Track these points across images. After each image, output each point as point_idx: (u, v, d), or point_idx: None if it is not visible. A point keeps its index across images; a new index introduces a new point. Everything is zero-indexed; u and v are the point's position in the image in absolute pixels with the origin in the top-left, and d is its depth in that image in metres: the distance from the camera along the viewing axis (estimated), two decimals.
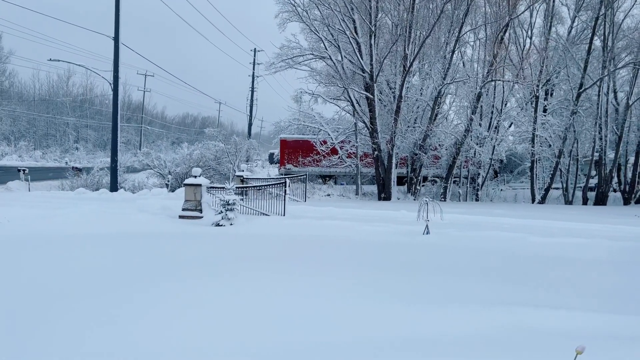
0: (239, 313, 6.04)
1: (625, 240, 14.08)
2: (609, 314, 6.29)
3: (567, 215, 21.25)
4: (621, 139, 29.22)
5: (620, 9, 29.91)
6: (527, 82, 29.45)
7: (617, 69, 29.45)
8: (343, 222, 15.43)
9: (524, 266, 10.43)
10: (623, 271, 10.28)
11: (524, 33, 32.88)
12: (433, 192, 30.84)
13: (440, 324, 5.67)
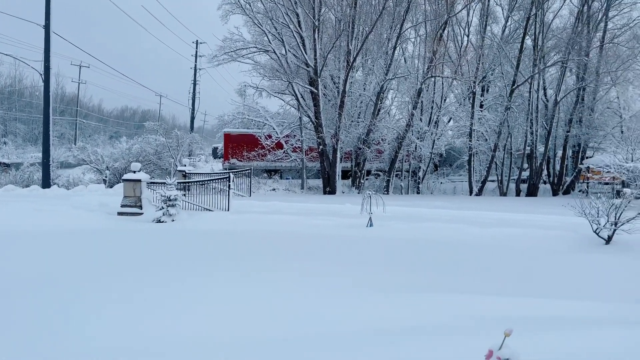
0: (178, 313, 5.93)
1: (554, 229, 14.97)
2: (539, 299, 6.69)
3: (502, 206, 22.30)
4: (550, 134, 30.95)
5: (549, 10, 31.61)
6: (465, 79, 30.58)
7: (546, 67, 31.12)
8: (289, 216, 15.45)
9: (463, 255, 10.88)
10: (552, 258, 10.94)
11: (461, 31, 34.09)
12: (376, 186, 31.45)
13: (391, 312, 5.82)
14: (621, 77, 30.73)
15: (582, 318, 5.75)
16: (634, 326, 5.41)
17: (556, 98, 30.63)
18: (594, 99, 31.65)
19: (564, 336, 4.92)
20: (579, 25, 29.88)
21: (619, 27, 32.52)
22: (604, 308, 6.33)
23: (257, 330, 5.20)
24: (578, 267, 9.96)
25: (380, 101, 29.85)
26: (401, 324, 5.34)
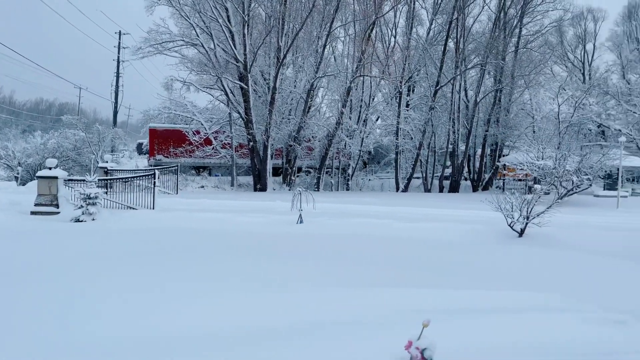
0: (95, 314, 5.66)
1: (474, 223, 15.81)
2: (459, 290, 7.05)
3: (426, 202, 23.22)
4: (471, 133, 32.62)
5: (470, 15, 33.28)
6: (392, 79, 31.48)
7: (467, 69, 32.74)
8: (218, 214, 15.18)
9: (389, 250, 11.23)
10: (471, 251, 11.56)
11: (389, 32, 35.05)
12: (307, 183, 31.64)
13: (327, 306, 5.88)
14: (534, 81, 32.96)
15: (497, 307, 6.12)
16: (546, 313, 5.83)
17: (476, 99, 32.31)
18: (510, 100, 33.71)
19: (480, 324, 5.22)
20: (496, 30, 31.67)
21: (532, 34, 34.85)
22: (517, 297, 6.76)
23: (181, 328, 5.08)
24: (495, 259, 10.59)
25: (311, 99, 30.04)
26: (329, 318, 5.42)
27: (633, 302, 6.86)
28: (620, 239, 13.79)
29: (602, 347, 4.41)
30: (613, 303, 6.55)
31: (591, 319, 5.18)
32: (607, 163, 24.62)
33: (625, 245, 13.11)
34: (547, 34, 37.94)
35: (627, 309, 6.09)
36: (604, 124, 36.39)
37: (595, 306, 6.10)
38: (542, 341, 4.61)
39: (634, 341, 4.55)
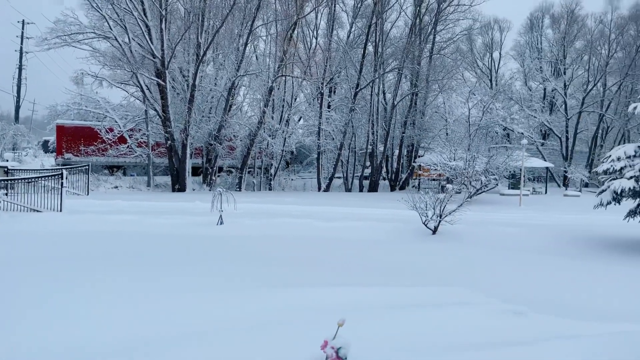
0: None
1: (391, 222, 16.37)
2: (376, 287, 7.26)
3: (347, 201, 23.71)
4: (389, 134, 33.76)
5: (388, 20, 34.45)
6: (314, 79, 31.82)
7: (385, 73, 33.83)
8: (132, 215, 14.52)
9: (311, 249, 11.33)
10: (389, 249, 11.97)
11: (310, 33, 35.41)
12: (228, 183, 31.14)
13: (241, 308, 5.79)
14: (447, 85, 34.76)
15: (412, 303, 6.38)
16: (455, 307, 6.15)
17: (394, 102, 33.49)
18: (425, 103, 35.30)
19: (395, 320, 5.42)
20: (412, 36, 33.01)
21: (445, 40, 36.75)
22: (429, 292, 7.09)
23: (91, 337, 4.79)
24: (410, 256, 11.03)
25: (232, 97, 29.58)
26: (250, 319, 5.37)
27: (531, 293, 7.45)
28: (522, 235, 14.92)
29: (505, 337, 4.75)
30: (514, 295, 7.07)
31: (495, 311, 5.56)
32: (511, 164, 26.49)
33: (526, 240, 14.20)
34: (459, 41, 40.25)
35: (525, 300, 6.60)
36: (509, 128, 39.16)
37: (498, 299, 6.55)
38: (451, 334, 4.87)
39: (532, 330, 4.94)
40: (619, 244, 14.08)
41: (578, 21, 44.19)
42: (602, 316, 6.33)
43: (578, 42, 44.54)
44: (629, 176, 13.10)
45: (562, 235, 15.01)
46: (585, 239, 14.46)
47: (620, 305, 7.25)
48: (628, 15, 42.86)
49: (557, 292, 7.88)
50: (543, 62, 44.90)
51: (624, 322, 6.00)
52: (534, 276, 9.15)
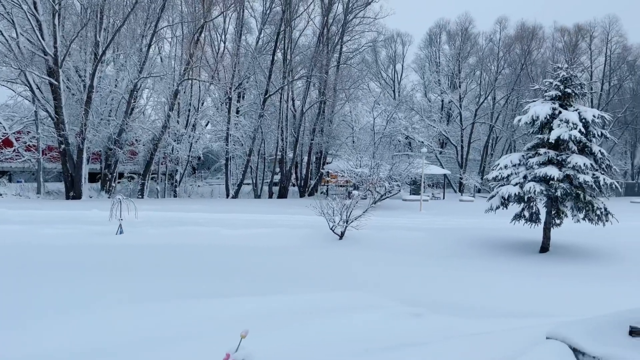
0: None
1: (300, 228, 16.50)
2: (281, 295, 7.25)
3: (256, 208, 23.52)
4: (298, 141, 34.05)
5: (297, 28, 34.83)
6: (222, 84, 31.28)
7: (294, 80, 34.14)
8: (19, 226, 13.27)
9: (216, 258, 11.06)
10: (298, 255, 12.02)
11: (218, 37, 34.80)
12: (130, 189, 29.57)
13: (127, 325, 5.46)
14: (353, 95, 35.88)
15: (318, 308, 6.44)
16: (359, 311, 6.30)
17: (302, 109, 33.87)
18: (333, 112, 36.11)
19: (302, 327, 5.44)
20: (320, 45, 33.66)
21: (351, 51, 37.94)
22: (335, 297, 7.21)
23: None
24: (318, 262, 11.18)
25: (134, 100, 28.17)
26: (151, 334, 5.10)
27: (428, 295, 7.87)
28: (423, 238, 15.74)
29: (404, 338, 4.94)
30: (414, 297, 7.42)
31: (395, 314, 5.79)
32: (413, 171, 27.89)
33: (426, 243, 15.00)
34: (364, 52, 41.73)
35: (424, 302, 6.95)
36: (411, 136, 41.25)
37: (399, 302, 6.83)
38: (355, 339, 4.98)
39: (429, 331, 5.20)
40: (507, 245, 15.34)
41: (471, 39, 47.73)
42: (495, 313, 6.84)
43: (471, 58, 48.09)
44: (515, 183, 14.32)
45: (458, 238, 16.05)
46: (479, 241, 15.58)
47: (510, 303, 7.87)
48: (514, 35, 47.07)
49: (453, 293, 8.39)
50: (441, 75, 47.90)
51: (513, 317, 6.53)
52: (432, 278, 9.66)
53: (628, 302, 5.06)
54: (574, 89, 14.98)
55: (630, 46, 49.49)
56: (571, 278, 10.51)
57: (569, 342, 3.92)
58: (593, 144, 14.55)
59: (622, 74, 49.14)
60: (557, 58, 45.32)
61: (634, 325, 4.03)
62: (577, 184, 13.72)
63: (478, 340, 4.27)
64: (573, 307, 7.09)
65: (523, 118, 14.99)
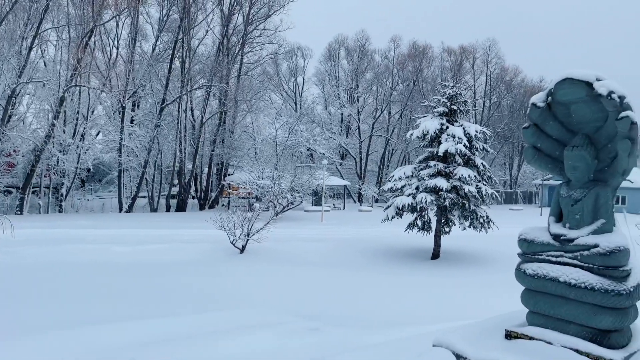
0: None
1: (199, 242, 15.97)
2: (183, 316, 6.89)
3: (152, 222, 22.42)
4: (197, 152, 33.11)
5: (196, 37, 34.01)
6: (115, 92, 29.55)
7: (193, 90, 33.24)
8: None
9: (106, 278, 10.31)
10: (195, 272, 11.58)
11: (111, 42, 32.92)
12: (7, 205, 26.78)
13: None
14: (254, 106, 35.73)
15: (215, 330, 6.22)
16: (257, 329, 6.19)
17: (202, 119, 33.04)
18: (234, 122, 35.65)
19: (193, 354, 5.21)
20: (220, 55, 33.16)
21: (252, 62, 37.83)
22: (233, 316, 7.03)
23: None
24: (217, 279, 10.85)
25: (12, 107, 25.64)
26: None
27: (327, 308, 7.96)
28: (324, 249, 15.98)
29: (299, 356, 4.92)
30: (312, 311, 7.46)
31: (292, 330, 5.76)
32: (314, 182, 28.32)
33: (327, 254, 15.25)
34: (266, 64, 41.83)
35: (322, 315, 7.01)
36: (312, 148, 41.97)
37: (297, 317, 6.83)
38: (252, 358, 4.87)
39: (325, 346, 5.23)
40: (402, 253, 16.07)
41: (368, 55, 49.88)
42: (391, 322, 7.07)
43: (368, 73, 50.24)
44: (408, 193, 15.10)
45: (357, 248, 16.51)
46: (376, 251, 16.16)
47: (405, 311, 8.22)
48: (407, 53, 49.99)
49: (351, 304, 8.57)
50: (340, 89, 49.41)
51: (408, 325, 6.79)
52: (331, 290, 9.81)
53: (506, 305, 5.49)
54: (459, 106, 16.20)
55: (507, 67, 54.85)
56: (459, 283, 11.24)
57: (452, 349, 4.15)
58: (476, 157, 15.80)
59: (501, 93, 54.16)
60: (444, 76, 48.89)
61: (509, 328, 4.38)
62: (463, 194, 14.78)
63: (371, 352, 4.38)
64: (461, 312, 7.57)
65: (415, 132, 15.90)
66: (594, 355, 3.83)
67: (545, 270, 4.20)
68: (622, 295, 3.80)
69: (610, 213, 4.19)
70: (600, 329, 3.96)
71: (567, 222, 4.31)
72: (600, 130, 4.25)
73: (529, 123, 4.55)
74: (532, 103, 4.52)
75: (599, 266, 3.94)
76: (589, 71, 4.10)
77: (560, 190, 4.46)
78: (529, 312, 4.46)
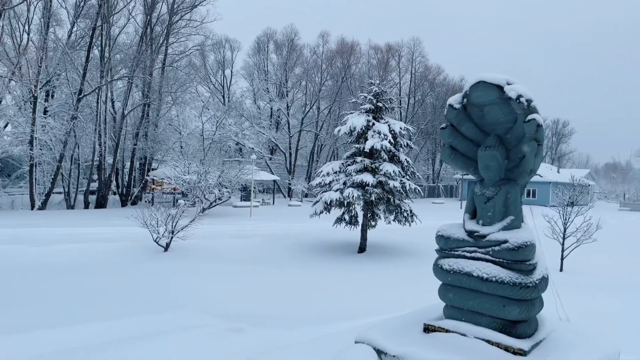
0: None
1: (120, 241, 15.25)
2: (102, 322, 6.50)
3: (69, 220, 21.13)
4: (118, 146, 31.53)
5: (116, 24, 32.27)
6: (25, 80, 27.43)
7: (113, 80, 31.59)
8: None
9: (16, 282, 9.56)
10: (117, 272, 11.02)
11: (21, 27, 30.45)
12: None
13: None
14: (180, 98, 34.58)
15: (136, 335, 5.94)
16: (180, 332, 5.98)
17: (124, 111, 31.51)
18: (158, 115, 34.33)
19: (120, 357, 4.95)
20: (143, 45, 31.74)
21: (177, 53, 36.59)
22: (154, 320, 6.74)
23: None
24: (138, 278, 10.40)
25: None
26: None
27: (253, 308, 7.87)
28: (253, 245, 15.84)
29: (226, 358, 4.83)
30: (237, 311, 7.34)
31: (216, 332, 5.63)
32: (243, 177, 27.93)
33: (255, 250, 15.11)
34: (192, 56, 40.64)
35: (247, 315, 6.91)
36: (241, 142, 41.38)
37: (222, 318, 6.68)
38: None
39: (247, 347, 5.16)
40: (330, 248, 16.28)
41: (297, 50, 49.88)
42: (317, 320, 7.10)
43: (297, 68, 50.26)
44: (336, 189, 15.29)
45: (286, 244, 16.52)
46: (305, 246, 16.25)
47: (331, 307, 8.30)
48: (335, 49, 50.52)
49: (276, 302, 8.54)
50: (269, 83, 49.07)
51: (334, 322, 6.86)
52: (257, 288, 9.72)
53: (427, 298, 5.70)
54: (384, 103, 16.61)
55: (431, 66, 57.05)
56: (384, 277, 11.56)
57: (373, 345, 4.24)
58: (401, 153, 16.29)
59: (424, 91, 56.27)
60: (372, 73, 49.96)
61: (427, 322, 4.54)
62: (388, 189, 15.20)
63: (294, 351, 4.37)
64: (386, 306, 7.77)
65: (342, 128, 16.11)
66: (503, 345, 4.06)
67: (460, 266, 4.40)
68: (528, 287, 4.06)
69: (519, 210, 4.46)
70: (509, 320, 4.21)
71: (481, 219, 4.54)
72: (510, 132, 4.50)
73: (446, 124, 4.74)
74: (448, 104, 4.71)
75: (509, 261, 4.18)
76: (500, 75, 4.32)
77: (474, 189, 4.69)
78: (445, 305, 4.66)
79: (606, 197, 75.19)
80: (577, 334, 4.53)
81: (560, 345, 4.22)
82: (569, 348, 4.19)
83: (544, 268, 4.28)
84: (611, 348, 4.48)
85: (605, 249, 16.13)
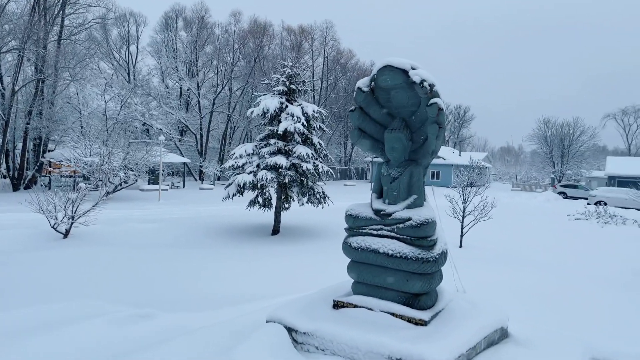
0: None
1: (10, 228, 14.07)
2: (15, 310, 5.97)
3: None
4: (8, 125, 28.73)
5: None
6: None
7: (2, 53, 28.62)
8: None
9: None
10: (9, 261, 10.14)
11: None
12: None
13: None
14: (79, 75, 32.11)
15: (35, 325, 5.54)
16: (83, 321, 5.64)
17: (14, 87, 28.72)
18: (54, 92, 31.68)
19: (10, 353, 4.59)
20: (36, 15, 29.00)
21: (76, 26, 33.84)
22: (54, 310, 6.32)
23: None
24: (35, 267, 9.66)
25: None
26: None
27: (162, 293, 7.64)
28: (160, 230, 15.29)
29: (130, 345, 4.65)
30: (146, 297, 7.08)
31: (122, 319, 5.39)
32: (150, 159, 26.75)
33: (163, 235, 14.61)
34: (92, 29, 37.81)
35: (155, 301, 6.70)
36: (148, 123, 39.46)
37: (128, 305, 6.41)
38: (77, 355, 4.45)
39: (160, 332, 5.01)
40: (243, 230, 16.17)
41: (208, 28, 48.23)
42: (228, 301, 7.04)
43: (208, 47, 48.65)
44: (249, 171, 15.14)
45: (196, 227, 16.14)
46: (216, 229, 15.99)
47: (242, 289, 8.26)
48: (248, 29, 49.51)
49: (187, 286, 8.35)
50: (178, 62, 47.08)
51: (245, 303, 6.84)
52: (166, 273, 9.44)
53: (339, 276, 5.86)
54: (297, 85, 16.62)
55: (343, 50, 57.89)
56: (296, 257, 11.71)
57: (284, 323, 4.30)
58: (314, 135, 16.45)
59: (337, 74, 57.07)
60: (285, 55, 49.72)
61: (336, 299, 4.69)
62: (302, 172, 15.33)
63: (203, 334, 4.32)
64: (298, 285, 7.88)
65: (255, 110, 15.92)
66: (406, 316, 4.31)
67: (367, 243, 4.57)
68: (429, 262, 4.32)
69: (422, 189, 4.71)
70: (412, 293, 4.47)
71: (387, 198, 4.74)
72: (414, 115, 4.72)
73: (355, 106, 4.86)
74: (357, 87, 4.82)
75: (411, 237, 4.42)
76: (405, 60, 4.50)
77: (381, 169, 4.87)
78: (354, 282, 4.83)
79: (501, 179, 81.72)
80: (471, 304, 4.92)
81: (456, 314, 4.55)
82: (465, 317, 4.54)
83: (443, 243, 4.57)
84: (501, 315, 4.92)
85: (499, 226, 17.56)
